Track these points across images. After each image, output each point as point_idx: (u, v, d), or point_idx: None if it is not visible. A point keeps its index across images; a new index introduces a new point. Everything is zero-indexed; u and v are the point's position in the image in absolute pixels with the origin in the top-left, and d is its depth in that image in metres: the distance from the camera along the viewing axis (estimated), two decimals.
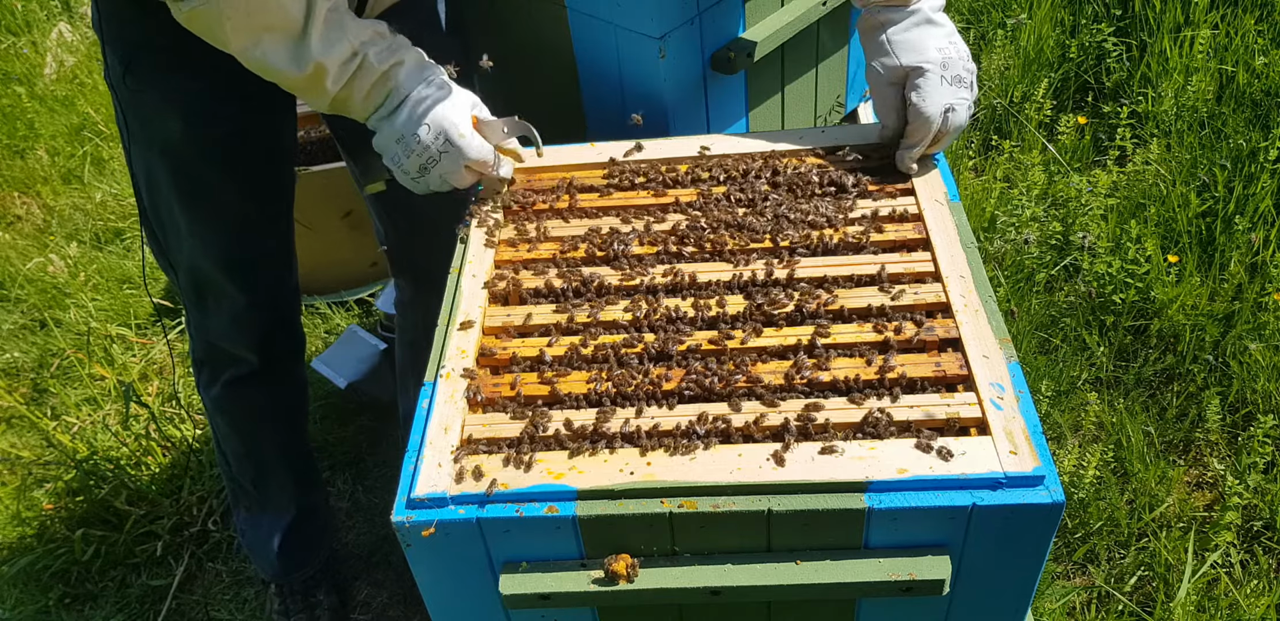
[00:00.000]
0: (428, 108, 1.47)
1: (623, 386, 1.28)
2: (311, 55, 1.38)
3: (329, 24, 1.39)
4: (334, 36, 1.39)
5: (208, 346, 1.93)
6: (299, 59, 1.38)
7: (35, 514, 2.54)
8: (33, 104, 4.04)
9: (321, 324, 3.02)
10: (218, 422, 2.07)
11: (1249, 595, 2.05)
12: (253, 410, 2.03)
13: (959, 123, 1.51)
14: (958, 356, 1.27)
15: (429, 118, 1.47)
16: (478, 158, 1.51)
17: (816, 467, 1.15)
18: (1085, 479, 2.20)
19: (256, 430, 2.06)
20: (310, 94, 1.46)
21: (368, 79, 1.44)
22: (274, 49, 1.37)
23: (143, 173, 1.69)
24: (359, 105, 1.48)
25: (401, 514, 1.16)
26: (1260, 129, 2.88)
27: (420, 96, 1.46)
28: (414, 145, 1.48)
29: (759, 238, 1.47)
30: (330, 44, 1.39)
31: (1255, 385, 2.38)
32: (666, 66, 1.73)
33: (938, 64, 1.50)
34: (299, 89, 1.45)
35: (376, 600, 2.33)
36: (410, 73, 1.47)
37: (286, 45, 1.37)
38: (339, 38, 1.40)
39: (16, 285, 3.27)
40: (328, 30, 1.38)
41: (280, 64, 1.38)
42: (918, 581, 1.15)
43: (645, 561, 1.18)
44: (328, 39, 1.39)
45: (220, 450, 2.12)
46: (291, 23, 1.35)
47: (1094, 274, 2.62)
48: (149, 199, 1.72)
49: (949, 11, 3.64)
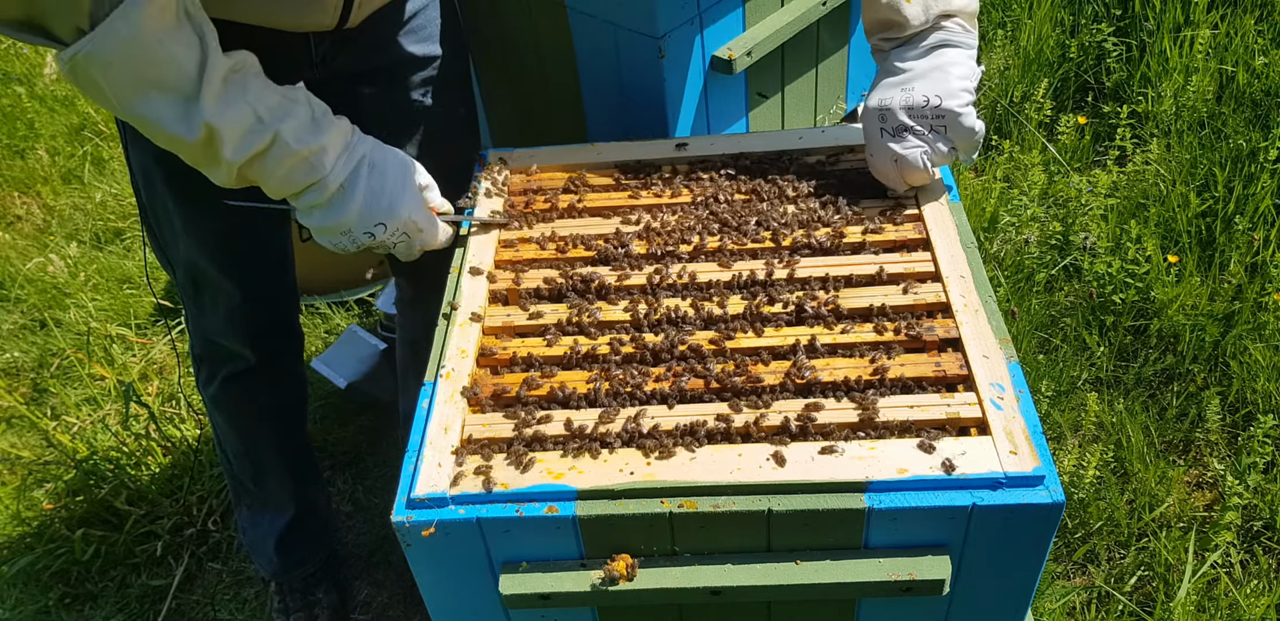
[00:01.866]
0: (380, 203, 1.36)
1: (623, 386, 1.28)
2: (202, 115, 1.21)
3: (229, 84, 1.23)
4: (232, 97, 1.23)
5: (206, 343, 1.92)
6: (189, 120, 1.21)
7: (35, 514, 2.54)
8: (33, 104, 4.04)
9: (321, 324, 3.02)
10: (217, 420, 2.07)
11: (1249, 595, 2.05)
12: (251, 407, 2.02)
13: (913, 169, 1.44)
14: (958, 356, 1.28)
15: (385, 216, 1.37)
16: (436, 245, 1.47)
17: (816, 467, 1.15)
18: (1085, 479, 2.19)
19: (255, 427, 2.06)
20: (207, 165, 1.29)
21: (282, 161, 1.29)
22: (163, 106, 1.20)
23: (140, 171, 1.67)
24: (273, 185, 1.33)
25: (401, 514, 1.17)
26: (1260, 129, 2.88)
27: (367, 189, 1.35)
28: (365, 241, 1.39)
29: (759, 238, 1.47)
30: (227, 105, 1.23)
31: (1255, 385, 2.38)
32: (666, 66, 1.73)
33: (875, 115, 1.45)
34: (195, 159, 1.29)
35: (376, 600, 2.33)
36: (341, 154, 1.34)
37: (176, 103, 1.21)
38: (237, 99, 1.24)
39: (16, 285, 3.27)
40: (226, 90, 1.23)
41: (168, 124, 1.21)
42: (918, 581, 1.15)
43: (645, 561, 1.19)
44: (225, 100, 1.23)
45: (220, 447, 2.12)
46: (183, 78, 1.19)
47: (1094, 274, 2.62)
48: (146, 196, 1.71)
49: None
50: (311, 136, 1.30)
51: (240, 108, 1.24)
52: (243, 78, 1.25)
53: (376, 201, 1.37)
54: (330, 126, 1.33)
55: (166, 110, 1.21)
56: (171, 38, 1.16)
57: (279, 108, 1.28)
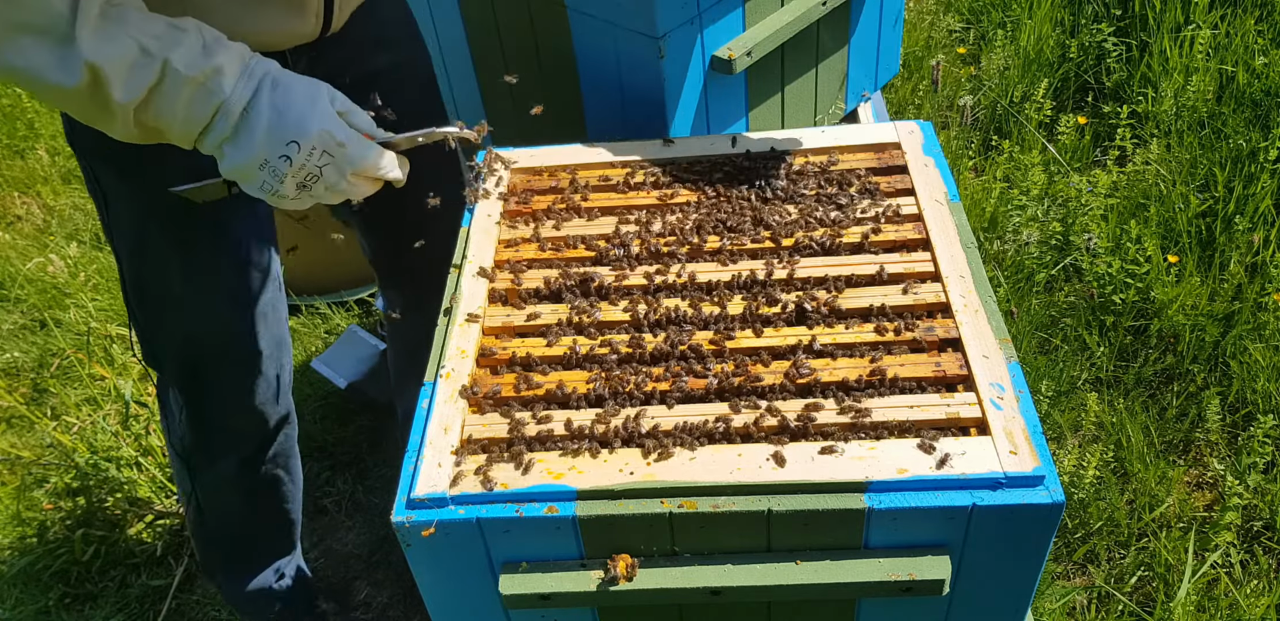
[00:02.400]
0: (288, 119, 1.20)
1: (622, 386, 1.28)
2: (81, 54, 1.07)
3: (106, 18, 1.10)
4: (112, 32, 1.09)
5: (204, 430, 1.80)
6: (66, 63, 1.08)
7: (35, 514, 2.54)
8: (33, 104, 4.04)
9: (321, 324, 3.02)
10: (211, 504, 1.92)
11: (1249, 595, 2.05)
12: (251, 491, 1.92)
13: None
14: (958, 356, 1.27)
15: (295, 132, 1.20)
16: (366, 164, 1.28)
17: (816, 467, 1.15)
18: (1085, 479, 2.19)
19: (254, 505, 1.96)
20: (100, 116, 1.15)
21: (179, 92, 1.15)
22: (36, 53, 1.07)
23: (130, 228, 1.55)
24: (177, 127, 1.19)
25: (401, 514, 1.16)
26: (1260, 129, 2.88)
27: (270, 106, 1.19)
28: (285, 168, 1.22)
29: (759, 238, 1.47)
30: (106, 40, 1.09)
31: (1255, 385, 2.38)
32: (666, 66, 1.73)
33: None
34: (83, 112, 1.15)
35: (376, 600, 2.33)
36: (240, 76, 1.19)
37: (49, 46, 1.07)
38: (117, 33, 1.10)
39: (16, 285, 3.27)
40: (104, 25, 1.09)
41: (45, 71, 1.08)
42: (918, 581, 1.15)
43: (645, 561, 1.18)
44: (103, 35, 1.09)
45: (199, 520, 1.98)
46: (54, 16, 1.06)
47: (1094, 274, 2.62)
48: (135, 262, 1.59)
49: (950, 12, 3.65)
50: (204, 60, 1.15)
51: (122, 41, 1.10)
52: (120, 10, 1.11)
53: (282, 118, 1.20)
54: (223, 48, 1.18)
55: (41, 56, 1.07)
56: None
57: (166, 36, 1.14)
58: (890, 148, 1.62)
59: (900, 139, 1.62)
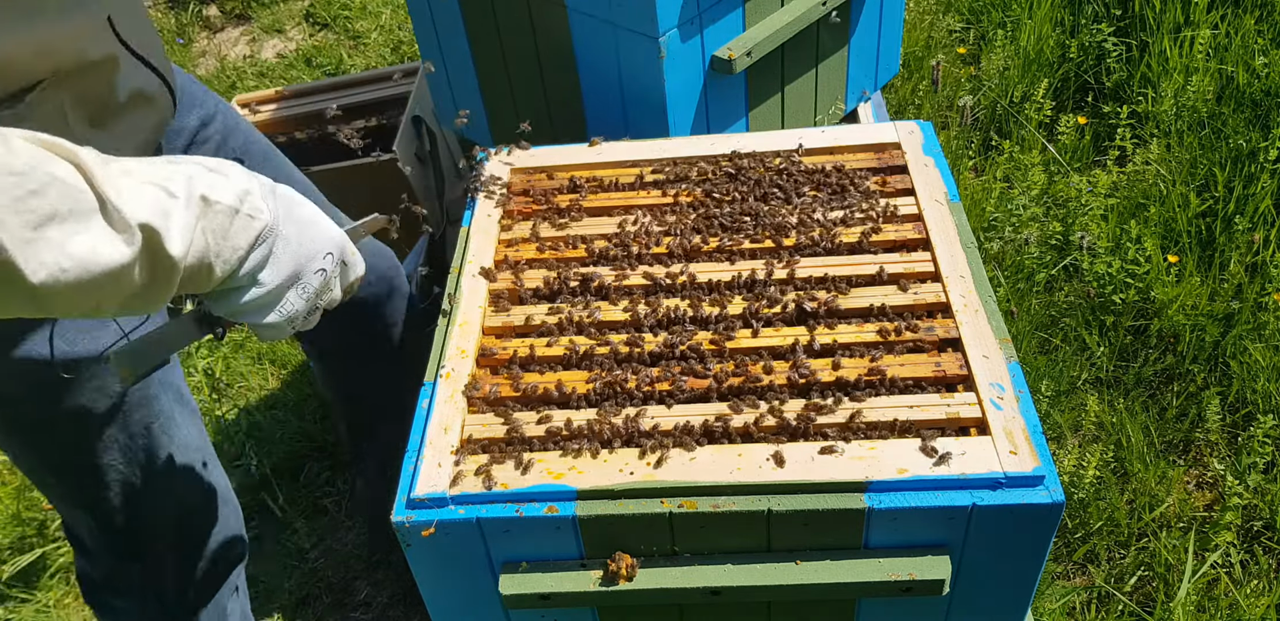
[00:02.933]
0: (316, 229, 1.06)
1: (622, 386, 1.28)
2: (126, 218, 0.87)
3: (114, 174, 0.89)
4: (125, 183, 0.89)
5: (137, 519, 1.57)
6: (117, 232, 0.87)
7: (35, 514, 2.54)
8: None
9: None
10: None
11: (1249, 595, 2.05)
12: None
13: None
14: (958, 356, 1.28)
15: (324, 240, 1.07)
16: (363, 271, 1.17)
17: (816, 467, 1.15)
18: (1085, 479, 2.19)
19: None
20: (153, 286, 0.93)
21: (224, 227, 0.97)
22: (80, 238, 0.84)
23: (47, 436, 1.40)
24: (220, 267, 0.98)
25: (401, 514, 1.17)
26: (1260, 129, 2.88)
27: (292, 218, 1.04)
28: (317, 282, 1.07)
29: (759, 238, 1.47)
30: (132, 197, 0.89)
31: (1255, 385, 2.38)
32: (666, 66, 1.73)
33: None
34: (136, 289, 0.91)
35: (376, 600, 2.33)
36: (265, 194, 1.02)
37: (90, 224, 0.85)
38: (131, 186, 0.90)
39: None
40: (120, 180, 0.89)
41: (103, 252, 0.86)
42: (917, 581, 1.15)
43: (645, 561, 1.19)
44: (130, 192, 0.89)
45: None
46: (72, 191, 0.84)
47: (1094, 274, 2.62)
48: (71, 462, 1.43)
49: (950, 12, 3.64)
50: (227, 183, 0.98)
51: (143, 191, 0.91)
52: (117, 163, 0.92)
53: (307, 230, 1.06)
54: (227, 165, 1.02)
55: (87, 238, 0.85)
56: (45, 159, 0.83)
57: (175, 173, 0.95)
58: (890, 148, 1.62)
59: (900, 139, 1.62)
